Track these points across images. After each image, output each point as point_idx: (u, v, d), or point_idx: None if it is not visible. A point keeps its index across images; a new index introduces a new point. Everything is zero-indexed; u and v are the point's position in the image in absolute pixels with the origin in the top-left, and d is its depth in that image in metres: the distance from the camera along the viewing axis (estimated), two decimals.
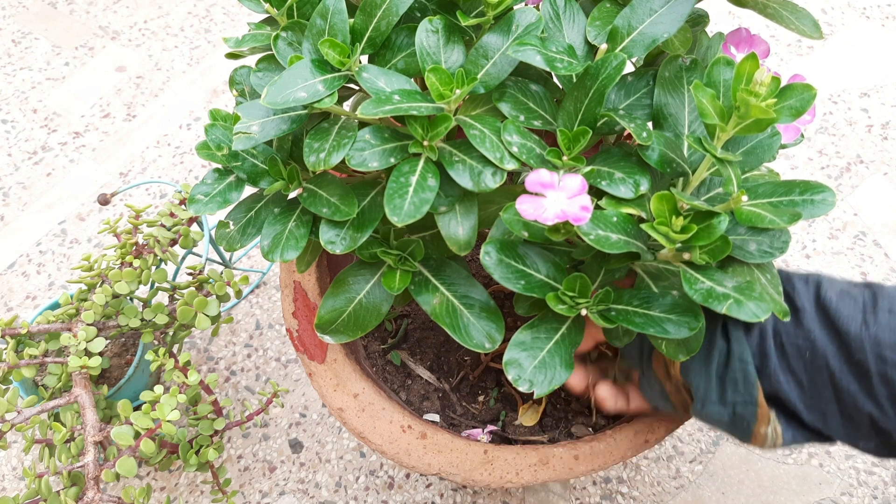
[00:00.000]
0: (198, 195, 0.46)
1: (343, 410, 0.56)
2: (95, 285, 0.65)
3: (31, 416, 0.58)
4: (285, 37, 0.43)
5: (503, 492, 0.74)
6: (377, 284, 0.48)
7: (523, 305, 0.45)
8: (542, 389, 0.42)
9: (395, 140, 0.42)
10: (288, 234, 0.45)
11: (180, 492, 0.75)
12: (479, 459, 0.54)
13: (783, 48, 1.14)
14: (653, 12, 0.43)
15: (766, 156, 0.43)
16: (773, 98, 0.36)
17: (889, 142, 1.02)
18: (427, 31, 0.42)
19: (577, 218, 0.37)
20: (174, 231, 0.68)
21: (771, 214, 0.38)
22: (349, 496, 0.75)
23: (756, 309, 0.36)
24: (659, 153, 0.41)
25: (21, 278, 0.90)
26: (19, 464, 0.76)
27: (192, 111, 1.06)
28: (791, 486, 0.75)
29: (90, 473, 0.55)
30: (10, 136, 1.03)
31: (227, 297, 0.66)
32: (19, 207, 0.96)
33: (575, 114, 0.42)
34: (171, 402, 0.57)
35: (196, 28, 1.17)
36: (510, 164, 0.40)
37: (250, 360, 0.84)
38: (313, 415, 0.80)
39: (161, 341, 0.66)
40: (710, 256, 0.38)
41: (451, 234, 0.43)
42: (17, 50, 1.13)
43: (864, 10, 1.18)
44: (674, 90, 0.44)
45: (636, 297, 0.42)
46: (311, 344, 0.58)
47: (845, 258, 0.92)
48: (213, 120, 0.46)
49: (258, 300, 0.88)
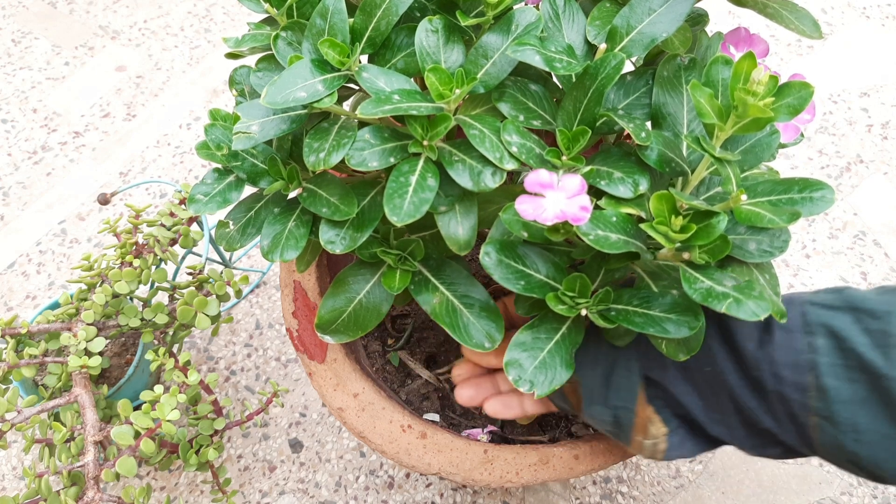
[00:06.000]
0: (198, 195, 0.46)
1: (343, 410, 0.56)
2: (95, 285, 0.65)
3: (31, 415, 0.58)
4: (285, 37, 0.43)
5: (503, 492, 0.74)
6: (377, 284, 0.48)
7: (523, 306, 0.45)
8: (543, 390, 0.42)
9: (395, 140, 0.42)
10: (288, 234, 0.45)
11: (180, 492, 0.75)
12: (479, 459, 0.54)
13: (783, 48, 1.14)
14: (652, 12, 0.43)
15: (765, 155, 0.43)
16: (771, 97, 0.36)
17: (889, 142, 1.02)
18: (427, 30, 0.42)
19: (576, 218, 0.37)
20: (174, 231, 0.68)
21: (770, 213, 0.38)
22: (349, 496, 0.75)
23: (755, 308, 0.36)
24: (658, 153, 0.41)
25: (21, 278, 0.90)
26: (19, 464, 0.76)
27: (192, 111, 1.06)
28: (791, 485, 0.75)
29: (90, 473, 0.55)
30: (10, 136, 1.03)
31: (227, 297, 0.66)
32: (19, 207, 0.96)
33: (574, 113, 0.42)
34: (171, 401, 0.57)
35: (196, 28, 1.17)
36: (510, 164, 0.40)
37: (250, 359, 0.84)
38: (313, 414, 0.80)
39: (161, 341, 0.66)
40: (710, 256, 0.38)
41: (450, 233, 0.43)
42: (17, 50, 1.13)
43: (864, 10, 1.18)
44: (672, 89, 0.44)
45: (636, 297, 0.42)
46: (311, 344, 0.58)
47: (845, 258, 0.92)
48: (213, 120, 0.46)
49: (258, 300, 0.88)
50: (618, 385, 0.47)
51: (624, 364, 0.47)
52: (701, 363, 0.44)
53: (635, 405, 0.46)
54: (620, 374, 0.46)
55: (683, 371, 0.45)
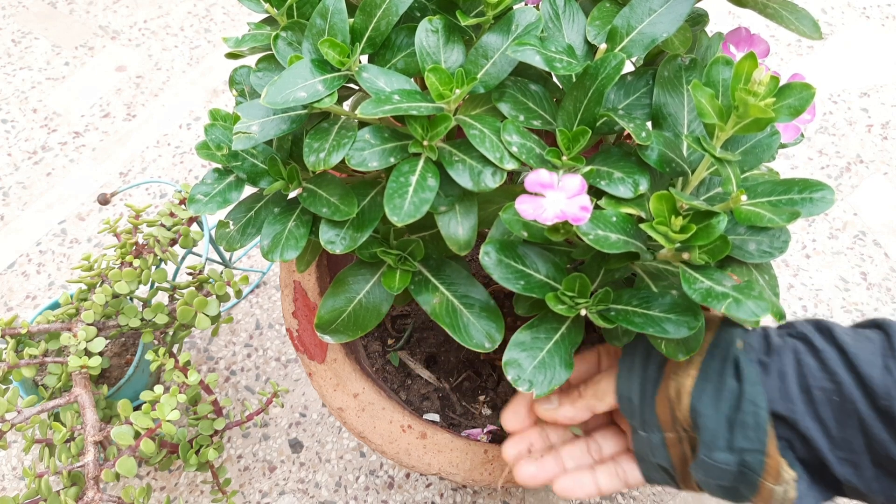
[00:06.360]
0: (198, 195, 0.46)
1: (343, 410, 0.56)
2: (95, 285, 0.65)
3: (31, 415, 0.58)
4: (285, 37, 0.43)
5: (503, 492, 0.74)
6: (377, 284, 0.48)
7: (523, 305, 0.45)
8: (542, 390, 0.42)
9: (395, 140, 0.42)
10: (288, 234, 0.45)
11: (180, 492, 0.75)
12: (479, 459, 0.54)
13: (783, 48, 1.14)
14: (652, 12, 0.43)
15: (765, 155, 0.43)
16: (772, 97, 0.36)
17: (889, 142, 1.02)
18: (427, 30, 0.42)
19: (576, 218, 0.37)
20: (174, 231, 0.68)
21: (770, 213, 0.38)
22: (349, 496, 0.75)
23: (755, 308, 0.36)
24: (658, 153, 0.41)
25: (21, 278, 0.90)
26: (19, 464, 0.76)
27: (192, 111, 1.06)
28: None
29: (90, 473, 0.55)
30: (10, 136, 1.03)
31: (227, 297, 0.66)
32: (19, 207, 0.96)
33: (574, 114, 0.42)
34: (171, 402, 0.57)
35: (196, 28, 1.17)
36: (510, 164, 0.40)
37: (250, 359, 0.84)
38: (313, 415, 0.80)
39: (161, 341, 0.66)
40: (710, 256, 0.38)
41: (450, 233, 0.43)
42: (17, 50, 1.13)
43: (864, 10, 1.18)
44: (673, 90, 0.44)
45: (635, 297, 0.42)
46: (311, 344, 0.58)
47: (845, 258, 0.92)
48: (213, 120, 0.46)
49: (258, 300, 0.88)
50: (744, 423, 0.41)
51: (750, 399, 0.41)
52: (828, 393, 0.40)
53: (766, 446, 0.40)
54: (747, 412, 0.41)
55: (810, 403, 0.40)
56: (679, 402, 0.43)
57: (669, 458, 0.45)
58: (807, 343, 0.41)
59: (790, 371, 0.41)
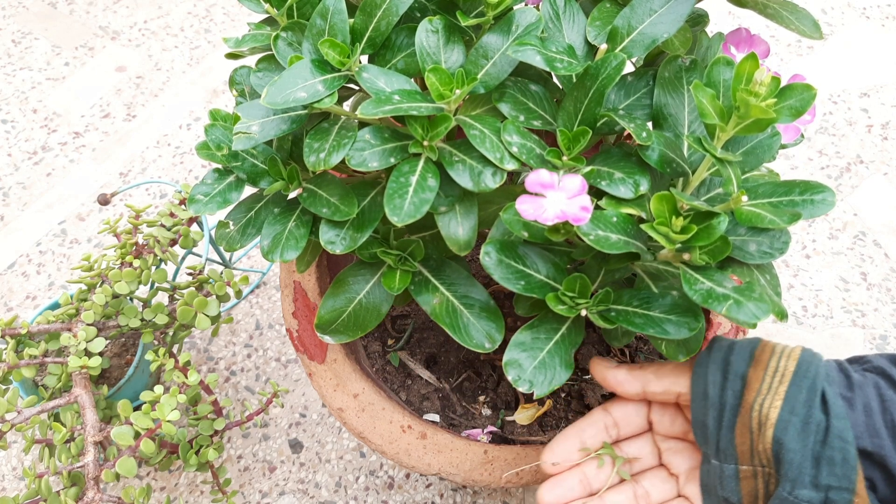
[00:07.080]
0: (198, 195, 0.46)
1: (343, 410, 0.56)
2: (95, 285, 0.65)
3: (31, 416, 0.58)
4: (285, 37, 0.43)
5: (503, 492, 0.74)
6: (377, 284, 0.48)
7: (523, 306, 0.45)
8: (542, 390, 0.42)
9: (395, 140, 0.42)
10: (288, 235, 0.45)
11: (180, 492, 0.75)
12: (479, 459, 0.54)
13: (783, 48, 1.14)
14: (653, 12, 0.43)
15: (766, 156, 0.43)
16: (773, 98, 0.36)
17: (889, 142, 1.02)
18: (427, 31, 0.42)
19: (576, 218, 0.37)
20: (174, 231, 0.68)
21: (771, 214, 0.38)
22: (349, 496, 0.75)
23: (756, 310, 0.36)
24: (659, 153, 0.41)
25: (21, 278, 0.90)
26: (19, 464, 0.76)
27: (192, 111, 1.06)
28: None
29: (90, 473, 0.55)
30: (10, 136, 1.03)
31: (227, 297, 0.66)
32: (19, 207, 0.96)
33: (575, 114, 0.42)
34: (171, 402, 0.57)
35: (196, 28, 1.17)
36: (510, 165, 0.40)
37: (250, 360, 0.84)
38: (313, 415, 0.80)
39: (161, 341, 0.66)
40: (710, 257, 0.38)
41: (451, 234, 0.43)
42: (17, 50, 1.13)
43: (864, 10, 1.18)
44: (673, 90, 0.44)
45: (636, 298, 0.42)
46: (311, 344, 0.58)
47: (845, 258, 0.91)
48: (213, 120, 0.46)
49: (258, 300, 0.88)
50: (831, 460, 0.38)
51: (837, 434, 0.39)
52: None
53: (855, 483, 0.38)
54: (835, 447, 0.39)
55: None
56: (761, 433, 0.40)
57: (739, 493, 0.42)
58: (886, 378, 0.40)
59: (875, 406, 0.39)
